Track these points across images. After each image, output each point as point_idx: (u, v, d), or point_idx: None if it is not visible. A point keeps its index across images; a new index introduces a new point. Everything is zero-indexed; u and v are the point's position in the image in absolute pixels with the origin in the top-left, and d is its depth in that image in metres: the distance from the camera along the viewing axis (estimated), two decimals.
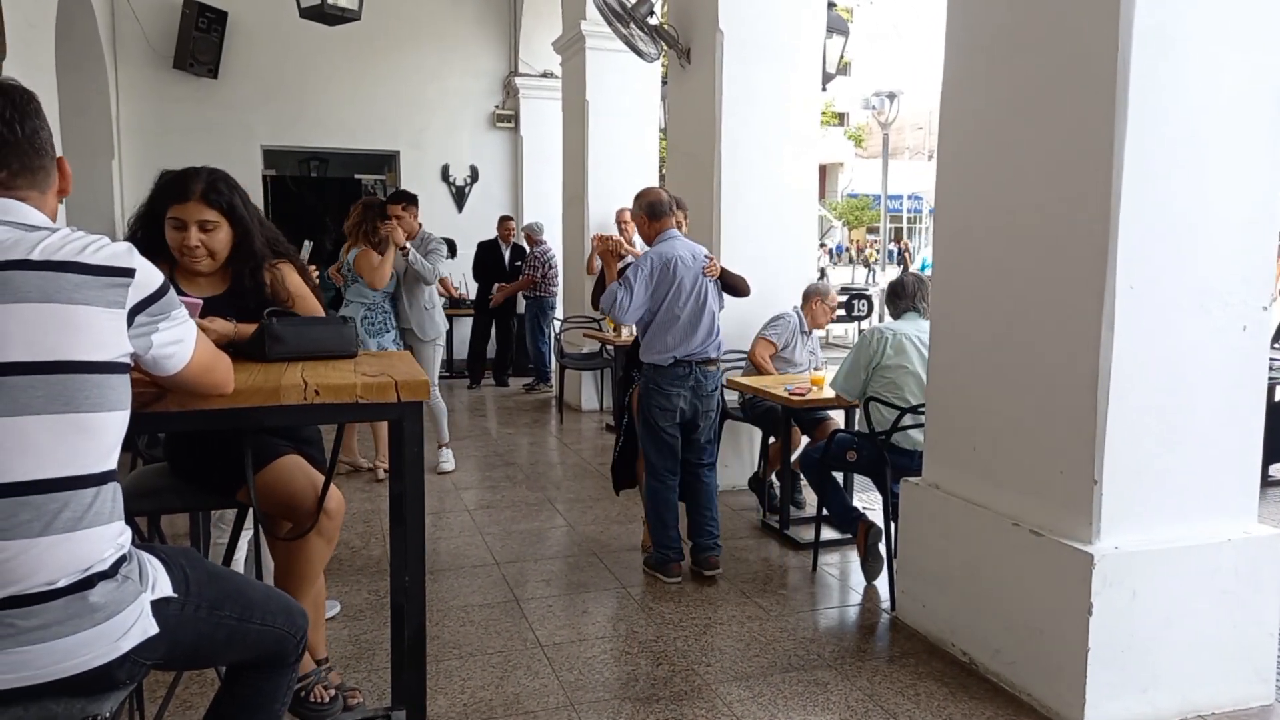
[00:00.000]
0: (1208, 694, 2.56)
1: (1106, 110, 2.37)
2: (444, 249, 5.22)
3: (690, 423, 3.65)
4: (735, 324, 4.98)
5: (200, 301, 1.99)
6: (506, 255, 8.64)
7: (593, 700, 2.66)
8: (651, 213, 3.71)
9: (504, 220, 8.74)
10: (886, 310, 4.04)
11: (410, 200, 5.13)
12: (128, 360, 1.38)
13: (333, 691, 2.44)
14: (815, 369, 4.64)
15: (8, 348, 1.23)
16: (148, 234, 2.20)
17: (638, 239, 6.89)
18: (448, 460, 5.45)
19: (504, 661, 2.91)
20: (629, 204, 6.94)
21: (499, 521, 4.46)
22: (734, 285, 3.87)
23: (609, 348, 6.75)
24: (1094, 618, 2.42)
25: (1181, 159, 2.42)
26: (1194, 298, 2.49)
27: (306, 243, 2.94)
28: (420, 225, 5.22)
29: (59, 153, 1.47)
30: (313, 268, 2.81)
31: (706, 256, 3.71)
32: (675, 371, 3.56)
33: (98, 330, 1.31)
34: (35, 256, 1.28)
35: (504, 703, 2.64)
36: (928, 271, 3.89)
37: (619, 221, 6.94)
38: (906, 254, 10.80)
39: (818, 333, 4.86)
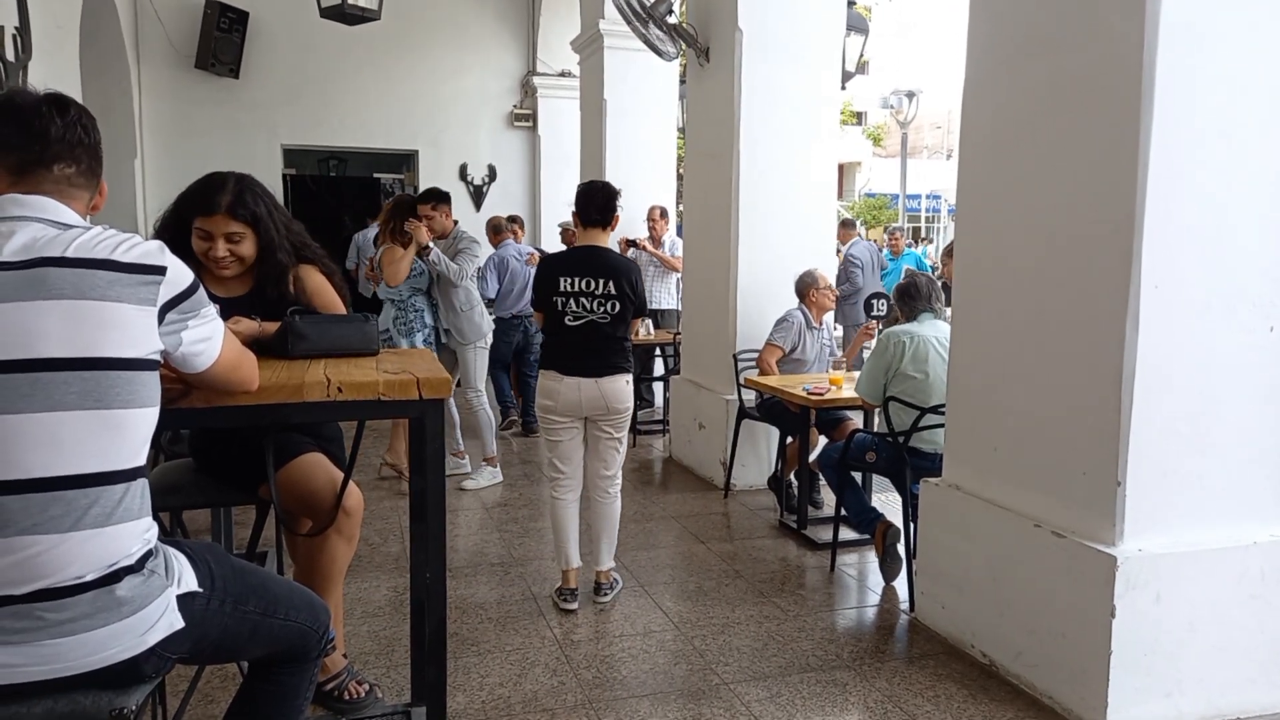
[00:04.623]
0: (1234, 699, 2.53)
1: (1132, 107, 2.35)
2: (477, 248, 5.07)
3: (524, 350, 6.41)
4: (747, 324, 4.98)
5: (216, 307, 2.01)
6: None
7: (610, 699, 2.66)
8: (496, 230, 6.77)
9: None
10: (898, 311, 4.00)
11: (441, 198, 5.02)
12: (158, 357, 1.39)
13: (366, 687, 2.47)
14: (835, 366, 4.61)
15: (42, 344, 1.25)
16: (174, 237, 2.21)
17: (666, 239, 6.96)
18: (483, 476, 5.11)
19: (522, 659, 2.91)
20: (654, 201, 7.00)
21: (517, 520, 4.47)
22: None
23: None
24: (1117, 620, 2.40)
25: (1208, 158, 2.39)
26: (1220, 298, 2.45)
27: None
28: (455, 223, 5.13)
29: None
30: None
31: (528, 254, 6.43)
32: (512, 322, 6.30)
33: (130, 327, 1.32)
34: (69, 254, 1.30)
35: (522, 700, 2.65)
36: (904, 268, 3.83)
37: (649, 220, 6.92)
38: (894, 243, 10.42)
39: (829, 323, 4.83)
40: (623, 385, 3.28)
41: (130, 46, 7.84)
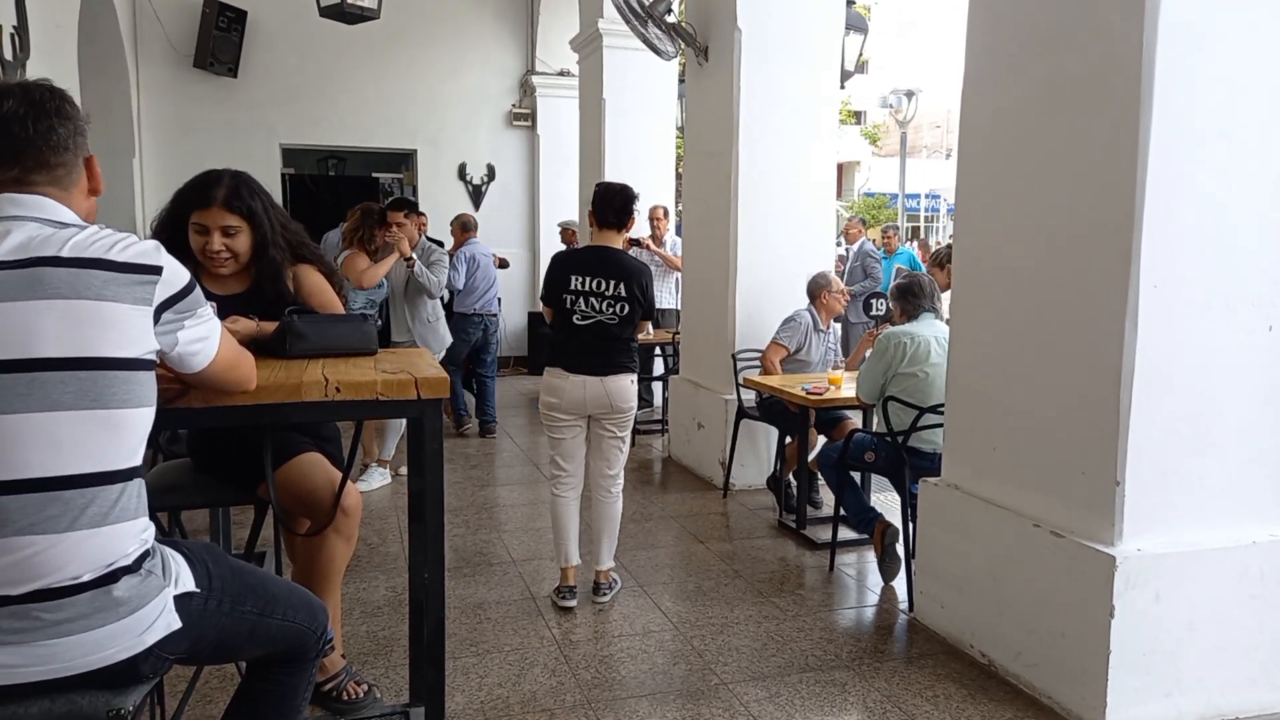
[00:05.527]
0: (1233, 699, 2.53)
1: (1131, 107, 2.34)
2: (446, 259, 5.11)
3: (481, 349, 6.32)
4: (746, 324, 4.98)
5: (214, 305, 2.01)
6: None
7: (609, 699, 2.66)
8: (465, 228, 6.51)
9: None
10: (895, 309, 3.99)
11: (412, 207, 5.03)
12: (154, 357, 1.39)
13: (364, 687, 2.46)
14: (834, 367, 4.61)
15: (39, 344, 1.25)
16: (171, 236, 2.22)
17: (667, 239, 6.95)
18: (371, 478, 4.91)
19: (521, 659, 2.91)
20: (653, 201, 6.99)
21: (515, 519, 4.47)
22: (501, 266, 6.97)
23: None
24: (1116, 620, 2.40)
25: (1208, 158, 2.39)
26: (1220, 298, 2.45)
27: None
28: (421, 234, 5.15)
29: (87, 152, 1.46)
30: None
31: (493, 254, 6.55)
32: (473, 319, 6.22)
33: (126, 326, 1.32)
34: (65, 253, 1.29)
35: (521, 700, 2.64)
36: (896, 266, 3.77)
37: (651, 219, 6.92)
38: (888, 242, 10.36)
39: (835, 327, 4.84)
40: (627, 384, 3.30)
41: (129, 46, 7.83)
